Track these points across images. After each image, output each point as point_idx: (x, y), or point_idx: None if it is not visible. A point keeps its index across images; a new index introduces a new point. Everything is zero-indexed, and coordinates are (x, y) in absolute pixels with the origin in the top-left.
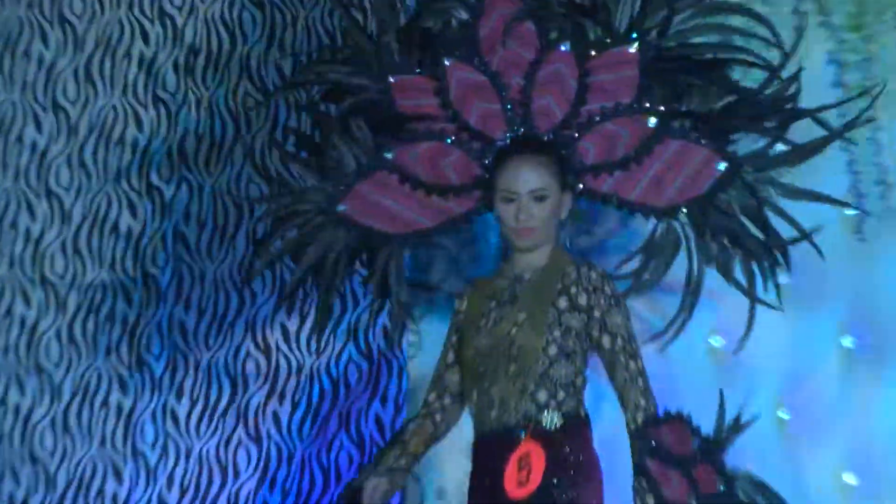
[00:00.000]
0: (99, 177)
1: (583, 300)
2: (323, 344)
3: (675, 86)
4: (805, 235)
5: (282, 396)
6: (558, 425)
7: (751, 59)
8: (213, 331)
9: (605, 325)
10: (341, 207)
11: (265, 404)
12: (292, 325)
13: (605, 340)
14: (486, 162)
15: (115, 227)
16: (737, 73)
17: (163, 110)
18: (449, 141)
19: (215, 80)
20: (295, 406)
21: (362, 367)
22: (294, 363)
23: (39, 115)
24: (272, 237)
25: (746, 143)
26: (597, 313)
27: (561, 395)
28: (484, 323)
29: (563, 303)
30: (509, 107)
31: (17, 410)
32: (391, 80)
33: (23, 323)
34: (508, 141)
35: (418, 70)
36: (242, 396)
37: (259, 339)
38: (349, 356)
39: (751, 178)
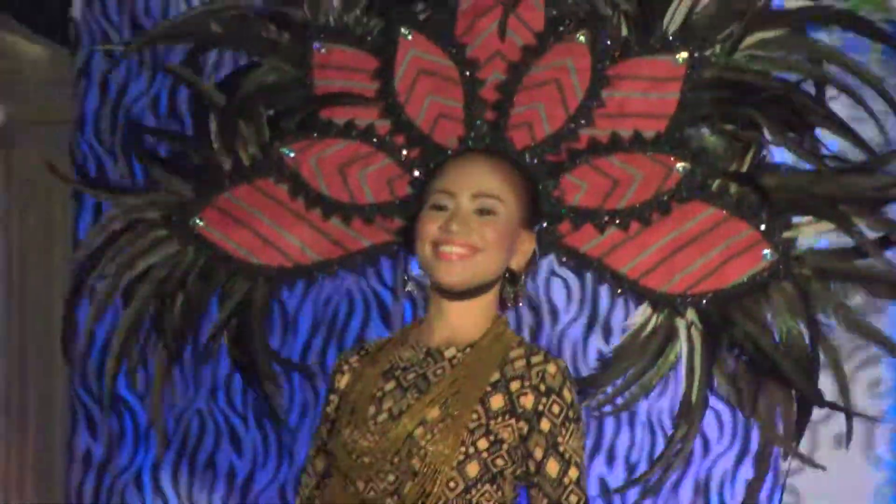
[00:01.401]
0: None
1: (528, 402)
2: None
3: (730, 131)
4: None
5: None
6: None
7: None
8: None
9: (556, 446)
10: (197, 221)
11: None
12: None
13: (551, 467)
14: (420, 176)
15: None
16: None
17: None
18: (374, 144)
19: None
20: None
21: None
22: None
23: None
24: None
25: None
26: (544, 426)
27: None
28: (373, 412)
29: (497, 402)
30: (476, 109)
31: None
32: (315, 47)
33: None
34: (457, 143)
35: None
36: None
37: None
38: None
39: (811, 286)
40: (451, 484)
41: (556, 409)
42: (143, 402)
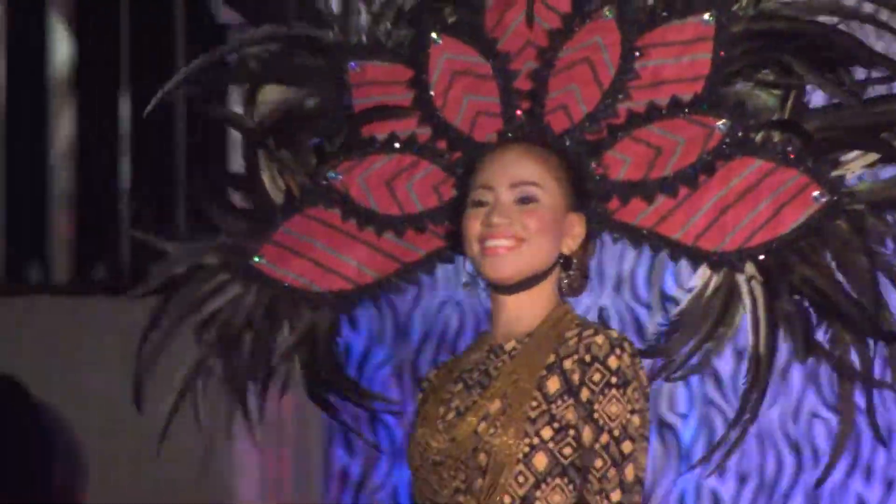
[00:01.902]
0: None
1: (576, 376)
2: None
3: (766, 80)
4: None
5: None
6: None
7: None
8: None
9: (592, 413)
10: (256, 259)
11: None
12: None
13: (585, 435)
14: (462, 175)
15: None
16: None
17: None
18: (417, 152)
19: None
20: None
21: None
22: None
23: None
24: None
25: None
26: (584, 395)
27: None
28: (441, 412)
29: (553, 384)
30: (512, 100)
31: None
32: (352, 66)
33: None
34: (496, 138)
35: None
36: None
37: None
38: None
39: (866, 220)
40: (521, 478)
41: (596, 377)
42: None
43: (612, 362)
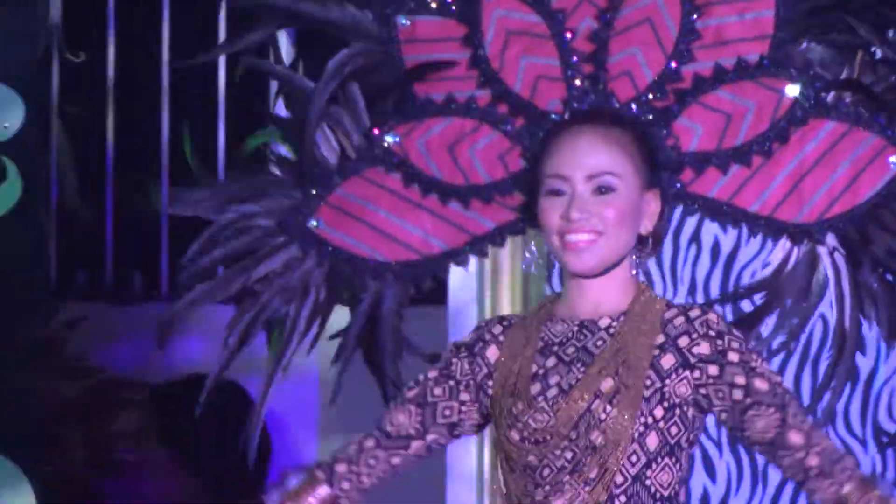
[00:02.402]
0: None
1: (704, 349)
2: None
3: (834, 40)
4: None
5: None
6: None
7: None
8: None
9: (754, 370)
10: (312, 222)
11: None
12: None
13: (760, 385)
14: (534, 147)
15: None
16: None
17: None
18: (477, 117)
19: None
20: None
21: None
22: None
23: None
24: (194, 266)
25: None
26: (733, 357)
27: None
28: (538, 389)
29: (668, 361)
30: (574, 61)
31: None
32: (401, 22)
33: None
34: (568, 115)
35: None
36: None
37: None
38: None
39: None
40: (633, 458)
41: (735, 343)
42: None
43: (738, 334)
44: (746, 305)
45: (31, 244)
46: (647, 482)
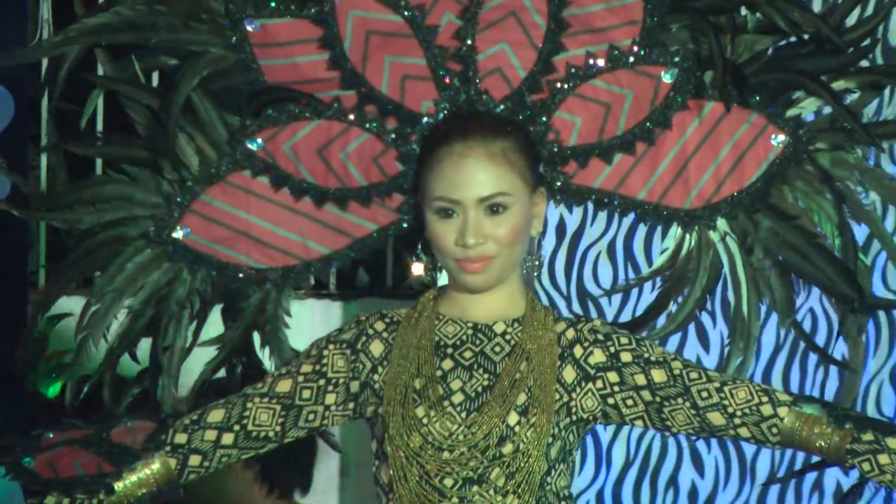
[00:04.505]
0: None
1: (597, 356)
2: None
3: (698, 20)
4: None
5: None
6: None
7: None
8: None
9: (648, 360)
10: (179, 233)
11: None
12: None
13: (657, 375)
14: (409, 150)
15: None
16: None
17: None
18: (347, 119)
19: None
20: None
21: None
22: None
23: None
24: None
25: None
26: (625, 357)
27: None
28: (441, 393)
29: (569, 374)
30: (439, 61)
31: None
32: (248, 27)
33: None
34: (441, 117)
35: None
36: None
37: None
38: None
39: (824, 160)
40: (538, 466)
41: (623, 339)
42: None
43: (623, 331)
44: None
45: (19, 240)
46: (548, 487)
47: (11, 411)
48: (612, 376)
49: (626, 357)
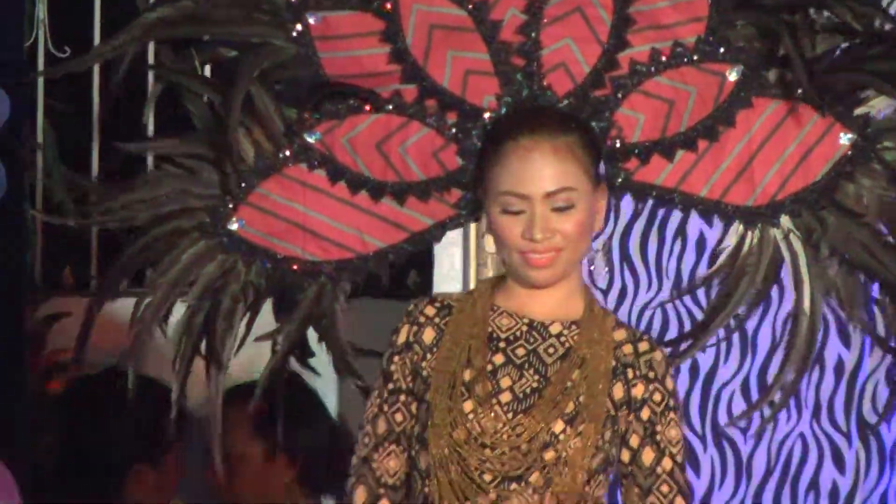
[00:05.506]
0: None
1: (637, 391)
2: None
3: (770, 18)
4: None
5: None
6: None
7: None
8: None
9: (654, 435)
10: (234, 224)
11: None
12: None
13: (646, 456)
14: (471, 145)
15: None
16: None
17: None
18: (408, 113)
19: None
20: None
21: None
22: None
23: None
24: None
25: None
26: (644, 414)
27: None
28: (490, 390)
29: (618, 392)
30: (502, 56)
31: None
32: (310, 20)
33: None
34: (504, 112)
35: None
36: None
37: None
38: None
39: (892, 158)
40: (579, 476)
41: (657, 397)
42: None
43: (669, 383)
44: None
45: (16, 240)
46: (586, 495)
47: (11, 411)
48: (646, 413)
49: (646, 413)
